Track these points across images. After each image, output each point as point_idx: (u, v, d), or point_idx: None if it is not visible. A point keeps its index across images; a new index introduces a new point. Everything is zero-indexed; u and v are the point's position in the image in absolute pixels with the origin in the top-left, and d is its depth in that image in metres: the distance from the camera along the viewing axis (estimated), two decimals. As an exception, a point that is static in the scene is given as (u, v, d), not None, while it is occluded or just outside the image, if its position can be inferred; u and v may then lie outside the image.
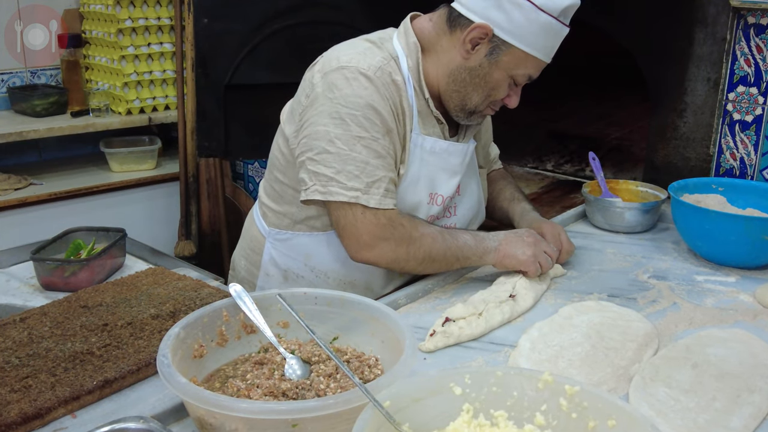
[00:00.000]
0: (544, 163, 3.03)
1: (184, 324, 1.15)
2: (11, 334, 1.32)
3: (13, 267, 1.77)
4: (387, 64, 1.57)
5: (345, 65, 1.53)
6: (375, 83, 1.52)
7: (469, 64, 1.57)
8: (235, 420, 0.96)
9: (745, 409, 1.15)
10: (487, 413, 1.00)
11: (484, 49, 1.54)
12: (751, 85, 2.06)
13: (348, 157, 1.51)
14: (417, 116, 1.61)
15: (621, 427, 0.93)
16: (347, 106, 1.51)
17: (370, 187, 1.52)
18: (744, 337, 1.39)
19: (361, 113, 1.51)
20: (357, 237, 1.54)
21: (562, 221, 2.02)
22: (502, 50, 1.53)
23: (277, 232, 1.73)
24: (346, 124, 1.51)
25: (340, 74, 1.53)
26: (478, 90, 1.59)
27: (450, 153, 1.66)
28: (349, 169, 1.51)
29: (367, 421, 0.90)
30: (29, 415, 1.09)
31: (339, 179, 1.51)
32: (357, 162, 1.51)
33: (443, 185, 1.67)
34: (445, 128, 1.67)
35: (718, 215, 1.74)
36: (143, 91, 3.22)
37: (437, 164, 1.65)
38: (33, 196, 2.86)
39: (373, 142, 1.52)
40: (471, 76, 1.58)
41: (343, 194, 1.51)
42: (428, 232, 1.57)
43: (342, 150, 1.51)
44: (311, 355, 1.17)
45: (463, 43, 1.54)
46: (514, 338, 1.38)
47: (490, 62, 1.55)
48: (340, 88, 1.52)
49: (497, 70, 1.56)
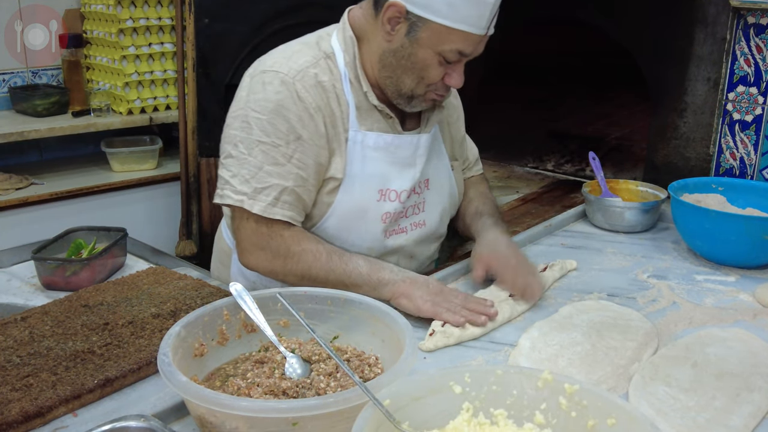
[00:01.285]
0: (545, 162, 3.03)
1: (185, 323, 1.15)
2: (12, 333, 1.32)
3: (14, 266, 1.77)
4: (314, 65, 1.52)
5: (267, 69, 1.51)
6: (290, 88, 1.48)
7: (392, 47, 1.48)
8: (235, 418, 0.96)
9: (745, 408, 1.16)
10: (487, 412, 1.01)
11: (403, 29, 1.44)
12: (751, 85, 2.07)
13: (245, 161, 1.48)
14: (355, 113, 1.54)
15: (621, 425, 0.93)
16: (255, 109, 1.48)
17: (258, 193, 1.47)
18: (744, 336, 1.39)
19: (267, 118, 1.47)
20: (239, 241, 1.53)
21: (562, 221, 2.02)
22: (420, 27, 1.43)
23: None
24: (249, 127, 1.48)
25: (259, 78, 1.51)
26: (408, 73, 1.49)
27: (397, 146, 1.58)
28: (243, 173, 1.48)
29: (367, 419, 0.90)
30: (30, 413, 1.09)
31: (232, 183, 1.49)
32: (251, 166, 1.47)
33: (395, 180, 1.59)
34: (395, 121, 1.59)
35: (718, 215, 1.74)
36: (144, 91, 3.22)
37: (384, 159, 1.57)
38: (34, 195, 2.86)
39: (272, 149, 1.47)
40: (396, 58, 1.48)
41: (231, 197, 1.48)
42: (311, 248, 1.48)
43: (241, 154, 1.48)
44: (311, 354, 1.18)
45: (383, 25, 1.46)
46: (514, 337, 1.39)
47: (411, 41, 1.45)
48: (255, 92, 1.49)
49: (420, 49, 1.45)
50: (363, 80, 1.54)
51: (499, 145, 3.17)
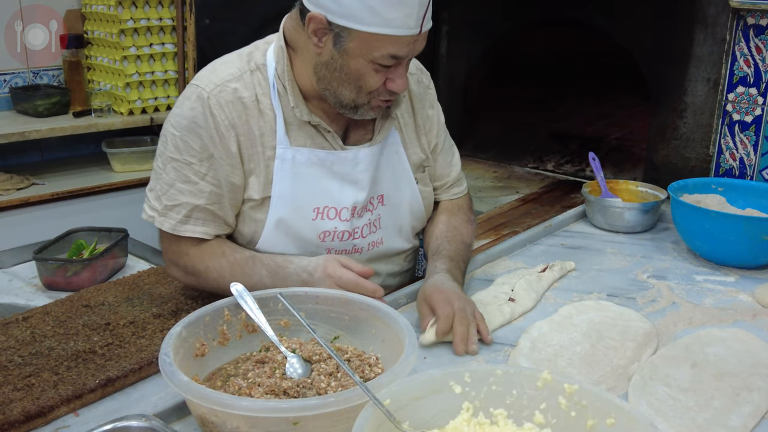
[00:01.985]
0: (545, 163, 3.04)
1: (186, 323, 1.15)
2: (14, 333, 1.33)
3: (15, 267, 1.78)
4: (237, 78, 1.45)
5: (192, 83, 1.46)
6: (204, 104, 1.42)
7: (323, 59, 1.39)
8: (236, 418, 0.97)
9: (744, 408, 1.16)
10: (487, 412, 1.01)
11: (330, 40, 1.35)
12: (751, 86, 2.07)
13: (160, 177, 1.46)
14: (283, 129, 1.46)
15: (620, 425, 0.94)
16: (173, 124, 1.45)
17: (168, 210, 1.44)
18: (743, 336, 1.39)
19: (180, 134, 1.43)
20: (162, 254, 1.53)
21: (562, 221, 2.03)
22: (344, 37, 1.33)
23: None
24: (166, 143, 1.45)
25: (184, 93, 1.47)
26: (344, 84, 1.40)
27: (333, 162, 1.49)
28: (157, 188, 1.46)
29: (367, 419, 0.90)
30: (32, 413, 1.10)
31: (149, 197, 1.48)
32: (163, 183, 1.45)
33: (334, 197, 1.50)
34: (333, 135, 1.49)
35: (718, 215, 1.74)
36: (145, 91, 3.22)
37: (319, 175, 1.48)
38: (35, 196, 2.87)
39: (184, 166, 1.43)
40: (329, 70, 1.39)
41: (146, 212, 1.48)
42: (213, 266, 1.44)
43: (158, 168, 1.47)
44: (312, 354, 1.18)
45: (310, 38, 1.37)
46: (514, 337, 1.39)
47: (340, 53, 1.35)
48: (178, 106, 1.46)
49: (352, 60, 1.36)
50: (291, 94, 1.45)
51: (499, 146, 3.17)
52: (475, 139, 3.20)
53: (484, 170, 2.96)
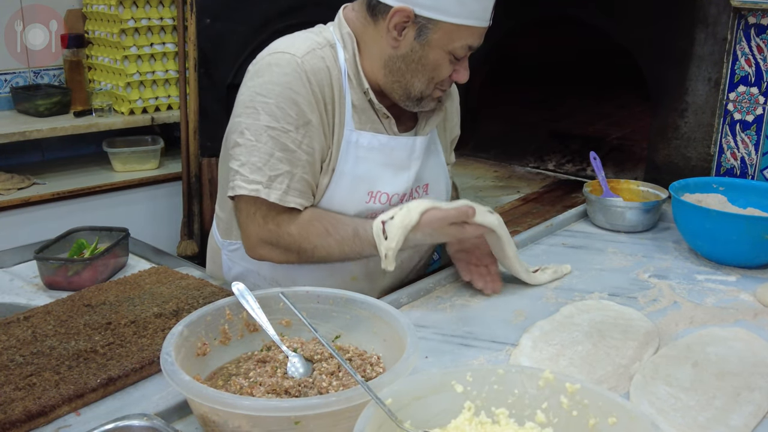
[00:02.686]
0: (546, 162, 3.04)
1: (188, 322, 1.15)
2: (15, 332, 1.33)
3: (16, 266, 1.77)
4: (321, 48, 1.48)
5: (273, 52, 1.46)
6: (299, 69, 1.42)
7: (400, 52, 1.45)
8: (238, 417, 0.97)
9: (746, 407, 1.16)
10: (489, 411, 1.01)
11: (412, 33, 1.42)
12: (752, 85, 2.07)
13: (254, 148, 1.42)
14: (351, 111, 1.50)
15: (621, 424, 0.94)
16: (261, 93, 1.43)
17: (272, 181, 1.43)
18: (744, 336, 1.39)
19: (275, 101, 1.42)
20: (248, 237, 1.49)
21: (563, 221, 2.03)
22: (430, 29, 1.41)
23: (229, 243, 1.68)
24: (257, 112, 1.43)
25: (265, 61, 1.46)
26: (418, 75, 1.47)
27: (393, 147, 1.54)
28: (254, 161, 1.43)
29: (368, 418, 0.90)
30: (33, 412, 1.09)
31: (243, 172, 1.44)
32: (261, 153, 1.42)
33: (388, 183, 1.55)
34: (392, 122, 1.55)
35: (719, 215, 1.74)
36: (146, 91, 3.22)
37: (378, 160, 1.53)
38: (36, 195, 2.87)
39: (282, 134, 1.42)
40: (406, 63, 1.45)
41: (244, 188, 1.43)
42: (322, 244, 1.46)
43: (249, 141, 1.43)
44: (314, 354, 1.18)
45: (389, 32, 1.43)
46: (516, 337, 1.39)
47: (422, 44, 1.42)
48: (261, 75, 1.44)
49: (432, 51, 1.43)
50: (363, 80, 1.50)
51: (500, 145, 3.17)
52: (476, 139, 3.20)
53: (485, 170, 2.96)
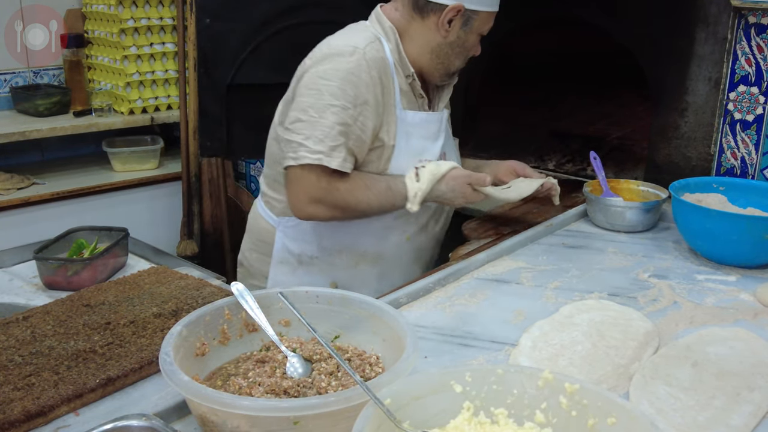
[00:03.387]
0: (546, 162, 3.03)
1: (187, 322, 1.15)
2: (14, 332, 1.33)
3: (16, 266, 1.78)
4: (374, 42, 1.74)
5: (332, 45, 1.71)
6: (361, 57, 1.68)
7: (449, 40, 1.77)
8: (237, 417, 0.97)
9: (745, 407, 1.16)
10: (488, 411, 1.01)
11: (458, 23, 1.75)
12: (752, 85, 2.07)
13: (317, 123, 1.64)
14: (399, 94, 1.77)
15: (621, 424, 0.93)
16: (324, 77, 1.66)
17: (333, 150, 1.65)
18: (744, 335, 1.39)
19: (337, 84, 1.65)
20: (295, 197, 1.69)
21: (563, 220, 2.02)
22: (473, 18, 1.75)
23: (287, 220, 1.84)
24: (320, 93, 1.65)
25: (327, 53, 1.70)
26: (460, 56, 1.82)
27: (429, 122, 1.84)
28: (317, 134, 1.64)
29: (367, 418, 0.90)
30: (32, 413, 1.09)
31: (307, 144, 1.65)
32: (323, 127, 1.64)
33: (428, 151, 1.84)
34: (425, 101, 1.85)
35: (719, 214, 1.74)
36: (145, 90, 3.22)
37: (420, 134, 1.82)
38: (36, 195, 2.87)
39: (341, 111, 1.65)
40: (452, 47, 1.79)
41: (308, 157, 1.64)
42: (363, 198, 1.72)
43: (312, 117, 1.65)
44: (313, 354, 1.18)
45: (441, 25, 1.74)
46: (515, 337, 1.39)
47: (466, 31, 1.77)
48: (324, 63, 1.68)
49: (471, 35, 1.79)
50: (409, 67, 1.79)
51: (500, 145, 3.17)
52: (476, 139, 3.19)
53: (485, 169, 2.95)
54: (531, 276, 1.69)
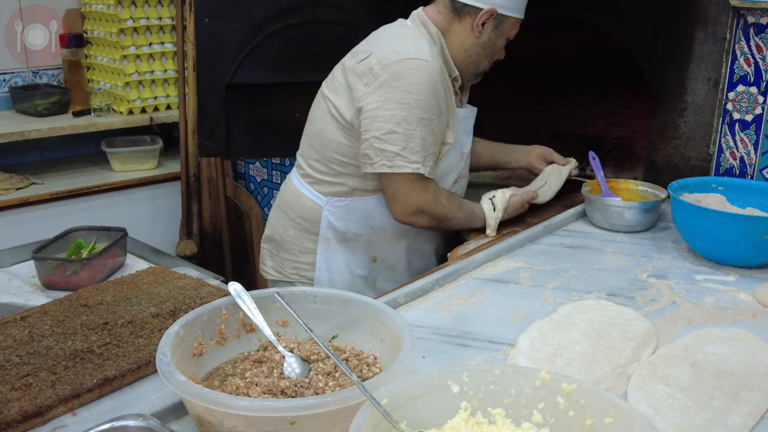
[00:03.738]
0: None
1: (184, 322, 1.15)
2: (12, 332, 1.32)
3: (14, 266, 1.78)
4: (432, 48, 1.90)
5: (405, 57, 1.83)
6: (432, 71, 1.84)
7: (481, 41, 1.95)
8: (233, 418, 0.96)
9: (744, 407, 1.15)
10: (485, 411, 1.01)
11: (490, 26, 1.93)
12: (751, 85, 2.06)
13: (412, 135, 1.83)
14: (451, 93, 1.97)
15: (618, 424, 0.93)
16: (412, 92, 1.81)
17: (426, 160, 1.87)
18: (743, 335, 1.39)
19: (424, 99, 1.83)
20: (405, 204, 1.90)
21: (562, 220, 2.02)
22: (503, 22, 1.93)
23: (336, 199, 1.99)
24: (411, 108, 1.82)
25: (402, 65, 1.82)
26: (488, 57, 2.00)
27: (467, 117, 2.06)
28: (412, 146, 1.84)
29: (364, 418, 0.90)
30: (30, 413, 1.09)
31: (404, 154, 1.84)
32: (418, 140, 1.84)
33: (465, 145, 2.08)
34: (459, 97, 2.03)
35: (718, 214, 1.74)
36: (145, 90, 3.22)
37: (462, 129, 2.03)
38: (35, 195, 2.87)
39: (430, 123, 1.86)
40: (483, 48, 1.97)
41: (407, 167, 1.85)
42: (458, 216, 1.98)
43: (407, 130, 1.82)
44: (310, 354, 1.18)
45: (475, 27, 1.91)
46: (513, 337, 1.39)
47: (496, 34, 1.95)
48: (405, 77, 1.81)
49: (499, 38, 1.97)
50: (453, 68, 1.96)
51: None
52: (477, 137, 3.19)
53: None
54: (529, 276, 1.69)
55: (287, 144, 3.08)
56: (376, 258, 2.08)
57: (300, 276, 2.09)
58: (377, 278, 2.12)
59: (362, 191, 1.98)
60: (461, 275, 1.69)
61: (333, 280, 2.07)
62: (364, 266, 2.08)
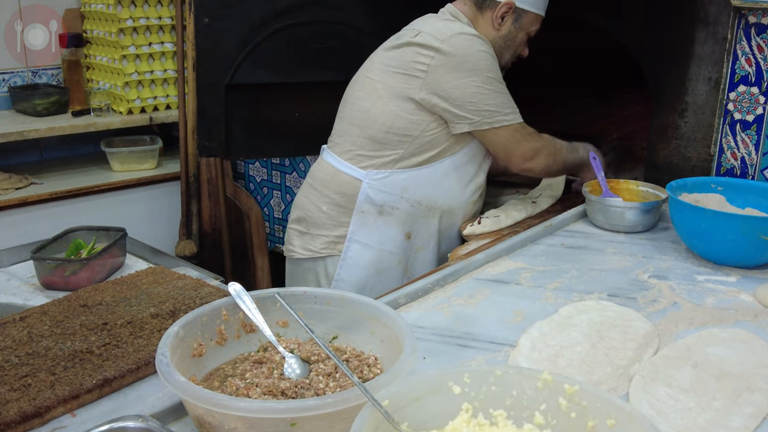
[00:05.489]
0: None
1: (184, 323, 1.15)
2: (11, 333, 1.32)
3: (13, 266, 1.77)
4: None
5: (459, 32, 1.99)
6: (485, 43, 2.01)
7: (501, 33, 2.09)
8: (233, 419, 0.96)
9: (746, 408, 1.15)
10: (486, 412, 1.00)
11: (510, 19, 2.08)
12: (752, 85, 2.06)
13: (498, 93, 2.01)
14: None
15: (620, 426, 0.93)
16: (483, 59, 1.99)
17: (517, 111, 2.05)
18: (744, 336, 1.39)
19: (491, 62, 2.00)
20: (521, 153, 2.07)
21: (562, 221, 2.02)
22: (522, 17, 2.08)
23: (375, 172, 2.08)
24: (481, 71, 1.98)
25: (460, 38, 1.98)
26: (510, 51, 2.14)
27: None
28: (500, 101, 2.01)
29: (365, 420, 0.90)
30: (29, 413, 1.09)
31: (499, 110, 2.01)
32: (505, 96, 2.03)
33: None
34: None
35: (716, 214, 1.73)
36: (144, 90, 3.22)
37: None
38: (34, 195, 2.86)
39: (502, 84, 2.04)
40: (504, 41, 2.11)
41: (507, 120, 2.02)
42: (563, 144, 2.16)
43: (489, 89, 1.99)
44: (310, 354, 1.17)
45: (495, 19, 2.06)
46: (514, 338, 1.38)
47: (516, 28, 2.09)
48: (467, 47, 1.98)
49: (520, 32, 2.11)
50: None
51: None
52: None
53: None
54: (530, 276, 1.68)
55: (287, 144, 3.08)
56: (410, 234, 2.14)
57: (331, 249, 2.14)
58: (408, 257, 2.18)
59: (401, 165, 2.07)
60: (462, 276, 1.69)
61: (359, 254, 2.11)
62: (397, 243, 2.14)
